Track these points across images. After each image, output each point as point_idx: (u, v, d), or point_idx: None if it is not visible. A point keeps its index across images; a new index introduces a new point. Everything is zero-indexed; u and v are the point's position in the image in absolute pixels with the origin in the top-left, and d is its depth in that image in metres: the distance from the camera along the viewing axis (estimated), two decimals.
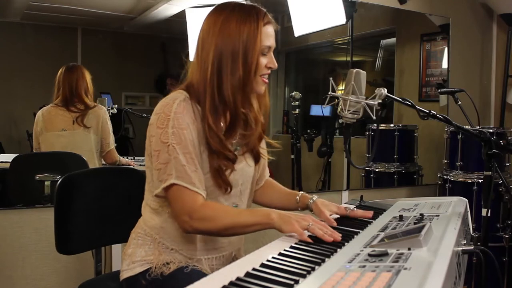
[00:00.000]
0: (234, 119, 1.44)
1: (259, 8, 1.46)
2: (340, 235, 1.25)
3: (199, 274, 1.41)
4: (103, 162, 2.70)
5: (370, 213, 1.53)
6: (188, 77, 1.48)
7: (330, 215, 1.49)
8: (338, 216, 1.55)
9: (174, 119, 1.37)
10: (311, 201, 1.58)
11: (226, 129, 1.45)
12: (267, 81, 1.47)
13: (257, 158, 1.58)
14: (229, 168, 1.44)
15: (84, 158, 2.45)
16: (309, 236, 1.25)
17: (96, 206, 1.83)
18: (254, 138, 1.54)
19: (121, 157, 2.78)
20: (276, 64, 1.46)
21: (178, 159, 1.36)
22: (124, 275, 1.48)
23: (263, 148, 1.64)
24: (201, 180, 1.40)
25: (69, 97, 2.59)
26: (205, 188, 1.41)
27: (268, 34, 1.44)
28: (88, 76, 2.65)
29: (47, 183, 2.43)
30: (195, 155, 1.39)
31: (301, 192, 1.64)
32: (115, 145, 2.72)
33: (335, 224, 1.42)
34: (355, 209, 1.57)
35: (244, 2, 1.50)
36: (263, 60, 1.44)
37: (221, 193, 1.47)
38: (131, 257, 1.48)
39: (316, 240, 1.24)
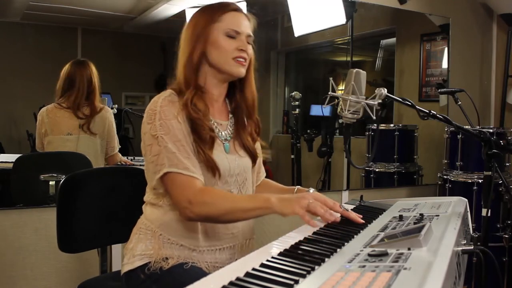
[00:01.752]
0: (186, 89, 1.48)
1: (228, 1, 1.54)
2: (339, 215, 1.25)
3: (197, 271, 1.42)
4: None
5: (361, 220, 1.47)
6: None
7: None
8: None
9: (161, 112, 1.43)
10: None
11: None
12: (244, 63, 1.51)
13: (251, 154, 1.60)
14: (208, 135, 1.45)
15: (89, 159, 2.45)
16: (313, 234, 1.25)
17: (101, 205, 1.83)
18: (243, 132, 1.58)
19: (121, 156, 2.77)
20: (247, 47, 1.51)
21: (168, 147, 1.40)
22: (124, 269, 1.50)
23: (257, 147, 1.66)
24: (195, 165, 1.42)
25: (80, 101, 2.54)
26: (201, 173, 1.43)
27: (233, 19, 1.51)
28: (97, 74, 2.60)
29: (51, 183, 2.43)
30: (186, 143, 1.42)
31: (298, 186, 1.65)
32: (120, 147, 2.72)
33: (333, 203, 1.42)
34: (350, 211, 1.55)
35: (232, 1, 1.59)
36: (231, 43, 1.49)
37: (218, 181, 1.48)
38: (132, 251, 1.49)
39: (318, 238, 1.23)
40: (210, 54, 1.49)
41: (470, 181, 3.04)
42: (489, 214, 1.71)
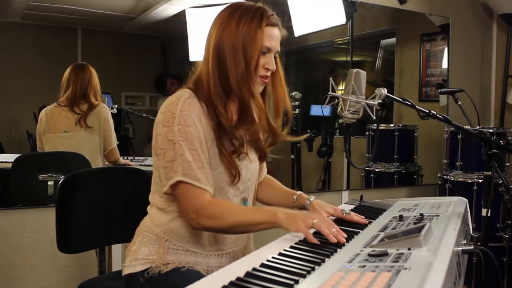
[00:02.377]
0: (244, 109, 1.45)
1: (266, 9, 1.48)
2: (345, 236, 1.25)
3: (193, 274, 1.42)
4: (106, 161, 2.70)
5: (365, 221, 1.50)
6: (196, 72, 1.50)
7: (327, 217, 1.49)
8: (335, 218, 1.55)
9: (180, 116, 1.38)
10: (307, 201, 1.59)
11: (238, 118, 1.47)
12: (266, 81, 1.48)
13: (261, 156, 1.59)
14: (238, 151, 1.45)
15: (88, 158, 2.45)
16: (315, 236, 1.25)
17: (99, 206, 1.83)
18: (258, 135, 1.56)
19: (121, 158, 2.78)
20: (274, 67, 1.47)
21: (184, 156, 1.37)
22: (125, 271, 1.49)
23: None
24: (208, 177, 1.40)
25: (77, 98, 2.58)
26: (212, 184, 1.41)
27: (270, 35, 1.45)
28: (96, 76, 2.64)
29: (50, 183, 2.43)
30: (201, 152, 1.39)
31: (299, 192, 1.64)
32: (117, 143, 2.72)
33: (334, 210, 1.43)
34: (351, 212, 1.55)
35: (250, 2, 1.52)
36: (261, 60, 1.45)
37: (231, 188, 1.48)
38: (134, 254, 1.48)
39: (321, 240, 1.23)
40: (238, 65, 1.42)
41: (470, 181, 3.04)
42: (489, 214, 1.71)
